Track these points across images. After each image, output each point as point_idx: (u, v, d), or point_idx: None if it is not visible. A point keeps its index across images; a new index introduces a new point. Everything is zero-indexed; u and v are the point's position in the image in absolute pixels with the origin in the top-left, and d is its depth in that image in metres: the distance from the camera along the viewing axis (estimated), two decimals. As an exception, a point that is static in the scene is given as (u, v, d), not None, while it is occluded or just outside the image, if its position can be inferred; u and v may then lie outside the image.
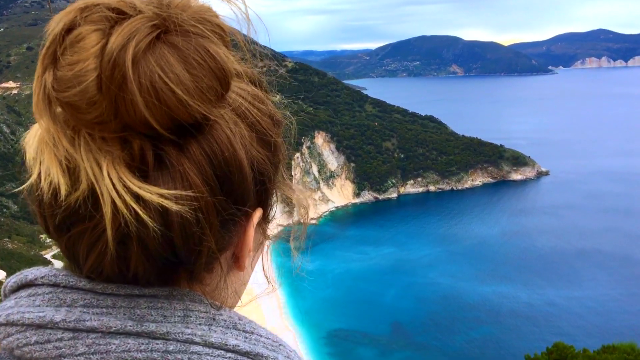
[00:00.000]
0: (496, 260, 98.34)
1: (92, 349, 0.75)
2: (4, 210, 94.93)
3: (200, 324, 0.83)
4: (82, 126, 0.74)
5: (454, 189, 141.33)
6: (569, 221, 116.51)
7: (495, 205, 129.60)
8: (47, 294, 0.82)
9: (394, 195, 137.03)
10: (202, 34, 0.79)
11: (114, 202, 0.73)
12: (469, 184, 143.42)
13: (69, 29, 0.73)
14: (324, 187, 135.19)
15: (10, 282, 0.87)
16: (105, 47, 0.72)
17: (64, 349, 0.75)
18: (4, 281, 0.85)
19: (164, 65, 0.73)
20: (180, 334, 0.79)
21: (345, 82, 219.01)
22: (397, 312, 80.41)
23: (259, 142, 0.89)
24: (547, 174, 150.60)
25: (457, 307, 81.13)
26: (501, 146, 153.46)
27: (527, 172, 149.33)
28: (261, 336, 0.91)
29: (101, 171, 0.74)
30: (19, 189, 0.82)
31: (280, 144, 0.99)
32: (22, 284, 0.86)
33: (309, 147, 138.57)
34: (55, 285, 0.83)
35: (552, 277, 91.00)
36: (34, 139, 0.81)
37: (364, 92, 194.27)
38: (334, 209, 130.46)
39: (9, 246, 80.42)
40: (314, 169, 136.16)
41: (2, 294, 0.87)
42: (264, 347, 0.89)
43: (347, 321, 78.01)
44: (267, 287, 1.35)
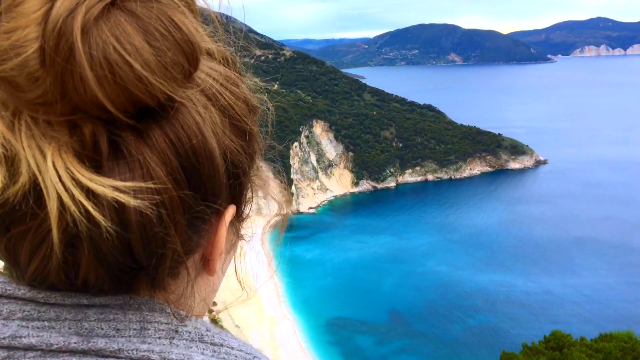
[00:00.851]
0: (494, 248, 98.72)
1: None
2: None
3: (159, 338, 0.71)
4: (23, 107, 0.62)
5: (453, 178, 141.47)
6: (567, 210, 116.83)
7: (493, 194, 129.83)
8: None
9: (393, 184, 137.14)
10: (166, 0, 0.66)
11: (60, 198, 0.61)
12: (467, 173, 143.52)
13: None
14: (323, 176, 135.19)
15: None
16: (49, 13, 0.59)
17: None
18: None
19: (119, 35, 0.61)
20: (134, 351, 0.67)
21: (343, 71, 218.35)
22: (395, 301, 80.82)
23: (232, 130, 0.78)
24: (545, 162, 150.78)
25: (454, 296, 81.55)
26: (499, 135, 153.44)
27: (525, 161, 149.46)
28: (232, 349, 0.80)
29: (45, 161, 0.61)
30: None
31: (256, 132, 0.88)
32: None
33: (307, 136, 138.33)
34: None
35: (549, 265, 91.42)
36: None
37: (363, 81, 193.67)
38: (332, 198, 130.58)
39: None
40: (312, 158, 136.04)
41: None
42: None
43: (346, 310, 78.41)
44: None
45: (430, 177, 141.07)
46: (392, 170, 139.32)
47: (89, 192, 0.62)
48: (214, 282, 0.91)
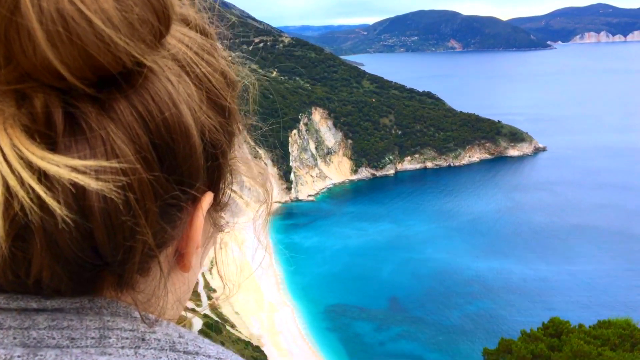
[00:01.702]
0: (492, 236, 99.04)
1: None
2: None
3: (122, 348, 0.58)
4: None
5: (451, 165, 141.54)
6: (565, 197, 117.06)
7: (491, 181, 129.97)
8: None
9: (392, 171, 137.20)
10: None
11: (5, 181, 0.49)
12: (466, 160, 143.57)
13: None
14: (322, 163, 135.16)
15: None
16: None
17: None
18: None
19: None
20: None
21: (342, 57, 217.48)
22: (394, 288, 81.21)
23: (210, 105, 0.67)
24: (544, 150, 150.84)
25: (453, 282, 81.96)
26: (499, 122, 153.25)
27: (524, 148, 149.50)
28: (209, 357, 0.66)
29: None
30: None
31: (235, 110, 0.76)
32: None
33: (306, 124, 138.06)
34: None
35: (548, 252, 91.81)
36: None
37: (362, 68, 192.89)
38: (331, 185, 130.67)
39: None
40: (311, 146, 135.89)
41: None
42: None
43: (345, 296, 78.81)
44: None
45: (429, 164, 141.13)
46: (391, 157, 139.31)
47: (40, 174, 0.50)
48: (189, 279, 0.79)
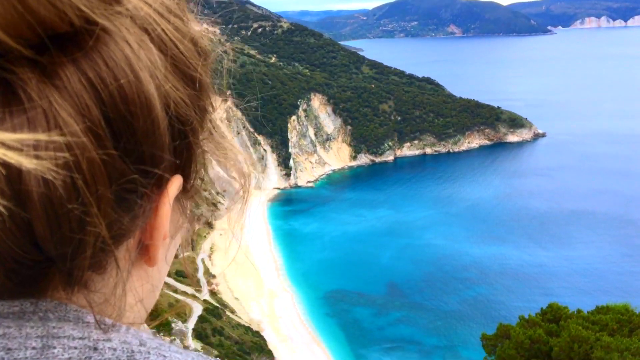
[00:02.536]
0: (490, 221, 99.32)
1: None
2: None
3: (69, 359, 0.48)
4: None
5: (451, 151, 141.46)
6: (564, 183, 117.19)
7: (490, 167, 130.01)
8: None
9: (391, 158, 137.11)
10: None
11: None
12: (465, 146, 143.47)
13: None
14: (321, 150, 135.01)
15: None
16: None
17: None
18: None
19: None
20: None
21: (341, 43, 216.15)
22: (392, 273, 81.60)
23: (177, 75, 0.57)
24: (543, 135, 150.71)
25: (451, 268, 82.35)
26: (498, 108, 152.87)
27: (523, 134, 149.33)
28: None
29: None
30: None
31: (208, 83, 0.65)
32: None
33: (305, 110, 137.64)
34: None
35: (546, 238, 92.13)
36: None
37: (361, 53, 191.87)
38: (330, 172, 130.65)
39: None
40: (311, 132, 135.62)
41: None
42: None
43: (344, 282, 79.20)
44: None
45: (428, 150, 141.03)
46: (390, 143, 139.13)
47: None
48: (154, 276, 0.67)
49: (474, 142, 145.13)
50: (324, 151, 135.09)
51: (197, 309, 58.38)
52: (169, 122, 0.55)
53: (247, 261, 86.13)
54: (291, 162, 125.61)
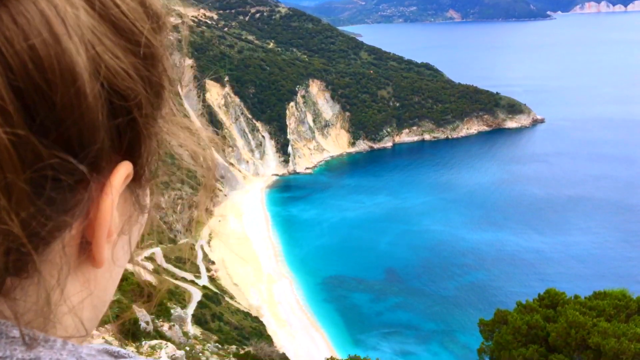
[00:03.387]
0: (488, 207, 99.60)
1: None
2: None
3: None
4: None
5: (449, 137, 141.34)
6: (562, 169, 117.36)
7: (488, 153, 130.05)
8: None
9: (389, 144, 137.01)
10: None
11: None
12: (464, 132, 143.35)
13: None
14: (319, 136, 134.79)
15: None
16: None
17: None
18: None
19: None
20: None
21: (340, 28, 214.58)
22: (391, 259, 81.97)
23: (117, 40, 0.46)
24: (542, 121, 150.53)
25: (449, 254, 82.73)
26: (497, 94, 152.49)
27: (522, 120, 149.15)
28: None
29: None
30: None
31: (162, 55, 0.53)
32: None
33: (303, 96, 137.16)
34: None
35: (543, 224, 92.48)
36: None
37: (359, 39, 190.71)
38: (329, 158, 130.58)
39: None
40: (309, 118, 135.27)
41: None
42: None
43: (342, 268, 79.57)
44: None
45: (427, 136, 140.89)
46: (389, 130, 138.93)
47: None
48: (99, 281, 0.55)
49: (472, 128, 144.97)
50: (322, 137, 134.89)
51: (197, 295, 58.70)
52: (106, 96, 0.45)
53: (246, 247, 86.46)
54: (289, 149, 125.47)
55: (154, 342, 13.43)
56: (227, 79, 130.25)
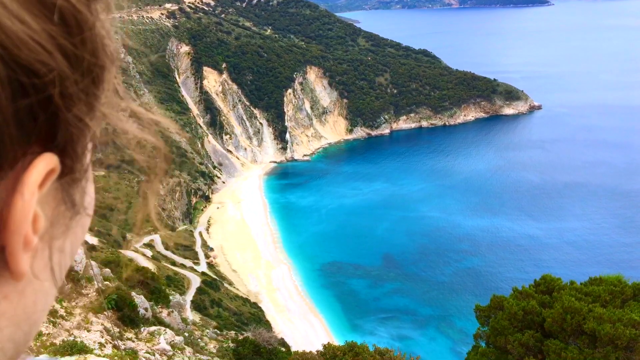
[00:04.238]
0: (484, 194, 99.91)
1: None
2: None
3: None
4: None
5: (447, 124, 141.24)
6: (558, 155, 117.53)
7: (485, 140, 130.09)
8: None
9: (387, 131, 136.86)
10: None
11: None
12: (461, 119, 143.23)
13: None
14: (317, 123, 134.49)
15: None
16: None
17: None
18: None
19: None
20: None
21: (337, 15, 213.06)
22: (388, 245, 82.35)
23: (23, 2, 0.37)
24: (539, 108, 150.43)
25: (446, 240, 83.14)
26: (494, 80, 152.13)
27: (519, 107, 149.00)
28: None
29: None
30: None
31: (95, 24, 0.42)
32: None
33: (301, 83, 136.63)
34: None
35: (539, 210, 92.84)
36: None
37: (357, 25, 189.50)
38: (326, 145, 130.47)
39: None
40: (307, 105, 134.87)
41: None
42: None
43: (340, 254, 79.95)
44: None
45: (424, 123, 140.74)
46: (386, 117, 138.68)
47: None
48: (25, 293, 0.45)
49: (469, 115, 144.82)
50: (320, 124, 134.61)
51: (196, 281, 58.94)
52: (7, 71, 0.37)
53: (245, 234, 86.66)
54: (287, 136, 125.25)
55: (153, 328, 13.54)
56: (224, 65, 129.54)
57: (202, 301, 53.03)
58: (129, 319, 13.08)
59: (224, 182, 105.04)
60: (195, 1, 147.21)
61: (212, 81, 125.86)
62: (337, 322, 65.36)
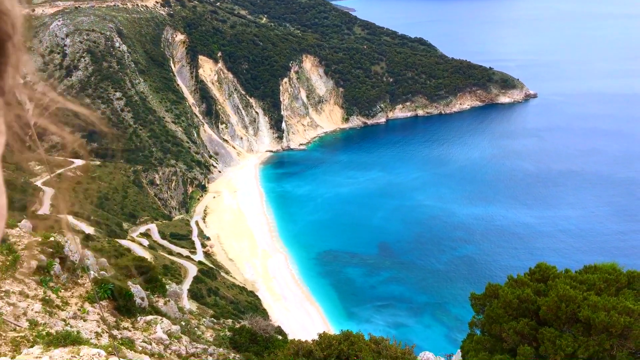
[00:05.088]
0: (479, 182, 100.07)
1: None
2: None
3: None
4: None
5: (442, 113, 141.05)
6: (552, 143, 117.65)
7: (480, 128, 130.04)
8: None
9: (383, 120, 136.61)
10: None
11: None
12: (457, 107, 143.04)
13: None
14: (313, 112, 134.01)
15: None
16: None
17: None
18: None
19: None
20: None
21: (333, 3, 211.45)
22: (384, 234, 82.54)
23: None
24: (534, 96, 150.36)
25: (441, 228, 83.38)
26: (490, 69, 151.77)
27: (515, 95, 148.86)
28: None
29: None
30: None
31: None
32: None
33: (297, 72, 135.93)
34: None
35: (533, 199, 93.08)
36: None
37: (353, 13, 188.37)
38: (322, 134, 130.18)
39: (-3, 174, 79.66)
40: (303, 94, 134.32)
41: None
42: None
43: (336, 243, 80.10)
44: None
45: (420, 112, 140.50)
46: (382, 105, 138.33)
47: None
48: None
49: (465, 103, 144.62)
50: (316, 113, 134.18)
51: (193, 270, 59.01)
52: None
53: (241, 223, 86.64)
54: (283, 125, 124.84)
55: (149, 317, 13.54)
56: (220, 54, 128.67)
57: (199, 290, 53.18)
58: (126, 309, 13.07)
59: (220, 172, 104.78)
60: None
61: (208, 70, 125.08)
62: (334, 310, 65.66)
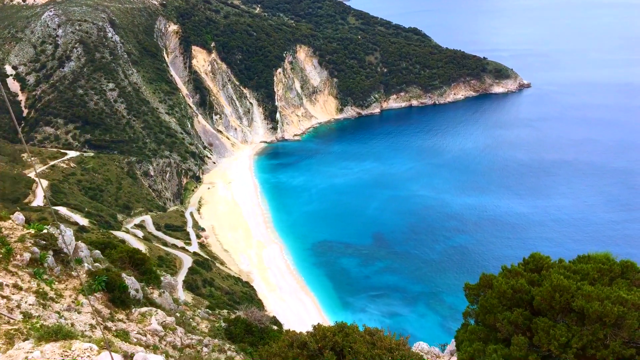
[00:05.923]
0: (472, 173, 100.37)
1: None
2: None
3: None
4: None
5: (437, 103, 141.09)
6: (546, 133, 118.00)
7: (474, 119, 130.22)
8: None
9: (377, 110, 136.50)
10: None
11: None
12: (451, 97, 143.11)
13: None
14: (307, 103, 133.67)
15: None
16: None
17: None
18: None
19: None
20: None
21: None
22: (378, 224, 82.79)
23: None
24: (528, 86, 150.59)
25: (435, 218, 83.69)
26: (484, 59, 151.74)
27: (508, 85, 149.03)
28: None
29: None
30: None
31: None
32: None
33: (291, 62, 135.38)
34: None
35: (527, 189, 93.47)
36: None
37: (347, 3, 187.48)
38: (317, 125, 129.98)
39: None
40: (297, 85, 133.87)
41: None
42: None
43: (331, 233, 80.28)
44: None
45: (414, 102, 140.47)
46: (376, 96, 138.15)
47: None
48: None
49: (459, 93, 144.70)
50: (310, 104, 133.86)
51: (188, 262, 58.97)
52: None
53: (236, 214, 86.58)
54: (277, 116, 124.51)
55: (144, 309, 13.51)
56: (213, 44, 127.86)
57: (194, 281, 53.18)
58: (120, 301, 13.04)
59: (214, 163, 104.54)
60: None
61: (201, 60, 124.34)
62: (329, 300, 65.93)
